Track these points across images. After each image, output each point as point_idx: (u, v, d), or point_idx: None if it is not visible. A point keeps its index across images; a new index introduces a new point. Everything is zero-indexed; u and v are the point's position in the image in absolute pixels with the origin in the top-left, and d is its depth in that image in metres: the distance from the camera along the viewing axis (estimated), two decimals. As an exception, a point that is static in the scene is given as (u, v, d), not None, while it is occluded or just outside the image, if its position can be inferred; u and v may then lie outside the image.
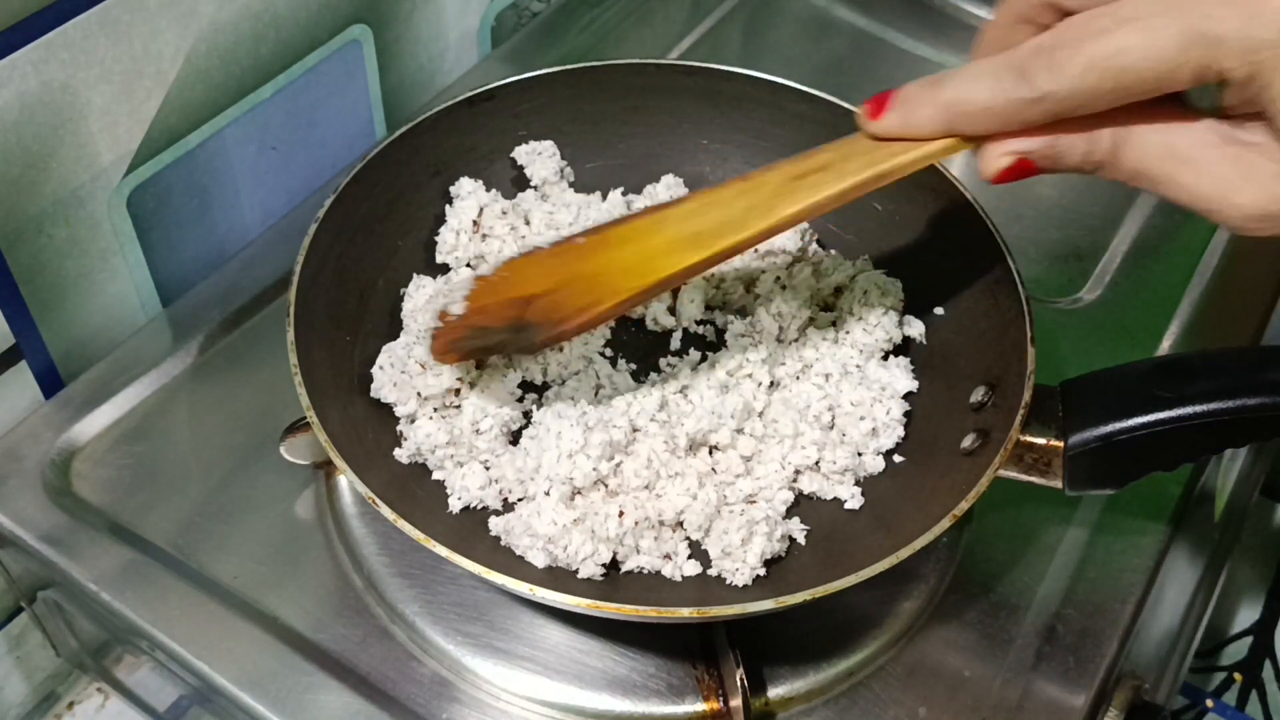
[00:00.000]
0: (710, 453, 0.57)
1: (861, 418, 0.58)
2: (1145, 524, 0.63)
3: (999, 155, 0.44)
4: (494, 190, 0.66)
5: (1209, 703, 1.02)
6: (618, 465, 0.55)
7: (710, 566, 0.54)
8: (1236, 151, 0.40)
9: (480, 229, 0.64)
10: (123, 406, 0.65)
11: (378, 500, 0.49)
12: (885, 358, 0.62)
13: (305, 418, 0.51)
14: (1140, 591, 0.60)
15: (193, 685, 0.57)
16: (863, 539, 0.55)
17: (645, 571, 0.54)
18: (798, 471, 0.57)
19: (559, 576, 0.52)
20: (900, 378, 0.60)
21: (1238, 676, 1.03)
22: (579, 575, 0.52)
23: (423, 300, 0.61)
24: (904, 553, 0.48)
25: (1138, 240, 0.77)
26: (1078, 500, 0.63)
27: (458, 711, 0.54)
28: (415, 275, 0.63)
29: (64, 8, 0.57)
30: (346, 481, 0.61)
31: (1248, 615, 1.04)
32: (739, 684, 0.52)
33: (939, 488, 0.54)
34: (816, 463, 0.57)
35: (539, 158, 0.68)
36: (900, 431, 0.59)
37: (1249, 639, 1.04)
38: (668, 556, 0.54)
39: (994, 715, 0.55)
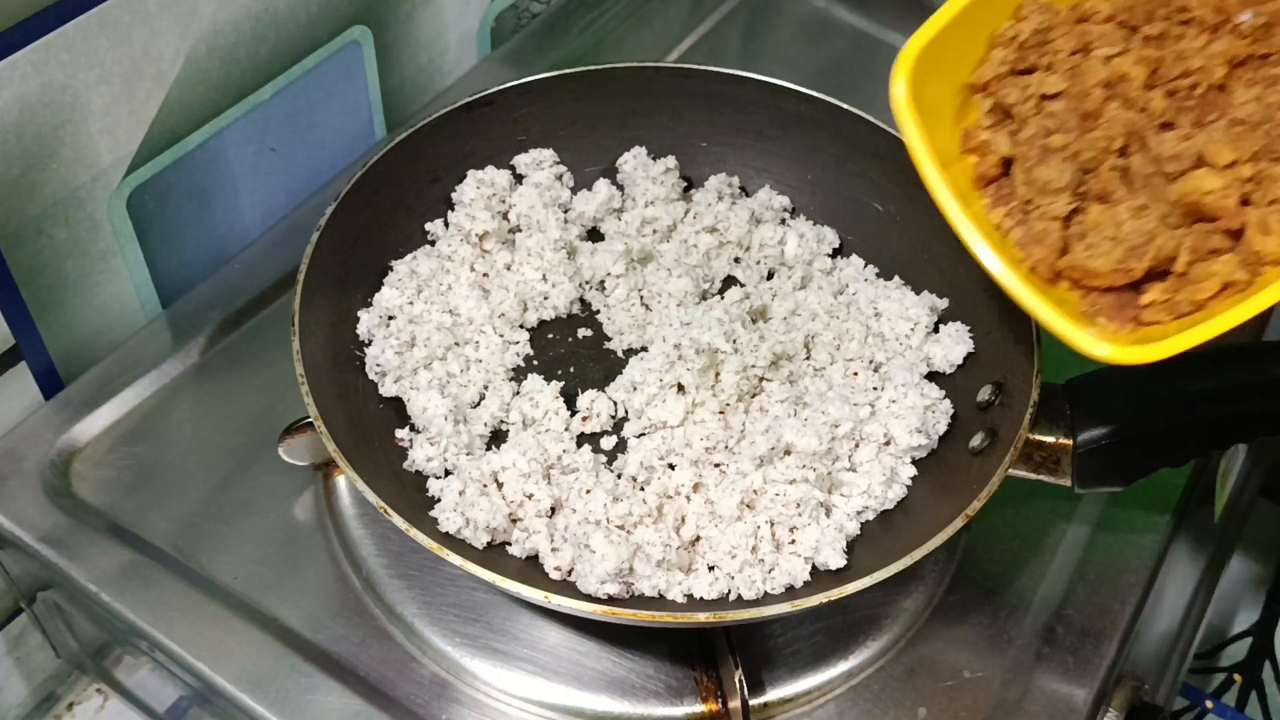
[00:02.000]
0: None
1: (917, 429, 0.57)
2: (1145, 524, 0.63)
3: None
4: (494, 194, 0.66)
5: (1209, 703, 1.02)
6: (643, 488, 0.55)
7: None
8: None
9: (481, 234, 0.64)
10: (122, 407, 0.65)
11: (389, 510, 0.49)
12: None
13: (302, 419, 0.51)
14: (1140, 591, 0.60)
15: (192, 686, 0.57)
16: (873, 540, 0.55)
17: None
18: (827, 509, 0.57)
19: (572, 583, 0.52)
20: (929, 390, 0.59)
21: (1237, 677, 1.03)
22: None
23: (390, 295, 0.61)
24: (918, 553, 0.49)
25: (1137, 241, 0.77)
26: (1078, 501, 0.63)
27: (457, 712, 0.54)
28: (385, 287, 0.63)
29: (64, 8, 0.57)
30: (345, 483, 0.61)
31: (1247, 616, 1.04)
32: (738, 685, 0.52)
33: (949, 487, 0.54)
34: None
35: (539, 167, 0.68)
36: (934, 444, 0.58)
37: (1248, 640, 1.04)
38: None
39: (994, 715, 0.55)
